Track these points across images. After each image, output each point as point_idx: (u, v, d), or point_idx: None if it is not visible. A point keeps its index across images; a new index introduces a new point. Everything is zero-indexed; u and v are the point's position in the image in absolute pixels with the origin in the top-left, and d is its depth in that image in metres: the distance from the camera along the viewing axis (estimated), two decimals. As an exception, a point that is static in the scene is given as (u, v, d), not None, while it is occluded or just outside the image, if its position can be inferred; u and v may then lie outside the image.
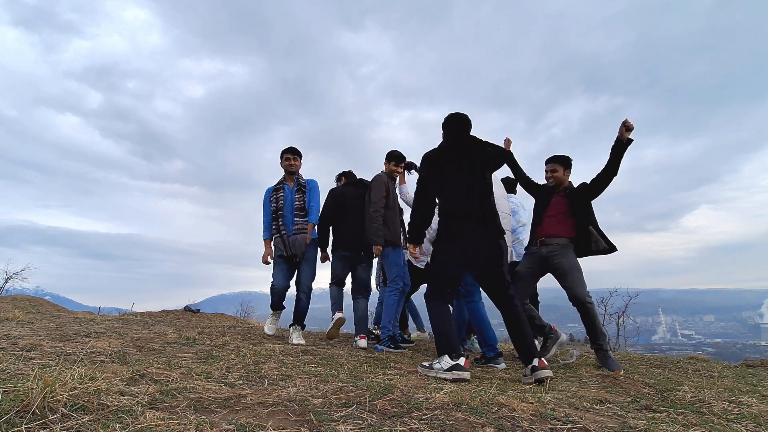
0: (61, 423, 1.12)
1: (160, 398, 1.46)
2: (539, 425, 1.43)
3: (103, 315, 6.88)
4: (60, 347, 2.46)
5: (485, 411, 1.55)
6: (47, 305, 9.60)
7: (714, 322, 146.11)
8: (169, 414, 1.29)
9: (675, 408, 1.83)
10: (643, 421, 1.55)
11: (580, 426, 1.44)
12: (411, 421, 1.38)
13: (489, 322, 3.43)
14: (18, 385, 1.36)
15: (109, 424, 1.14)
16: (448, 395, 1.74)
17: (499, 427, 1.39)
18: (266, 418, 1.36)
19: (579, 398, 1.90)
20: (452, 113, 2.95)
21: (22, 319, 4.02)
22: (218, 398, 1.54)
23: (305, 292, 3.92)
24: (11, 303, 7.79)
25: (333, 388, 1.83)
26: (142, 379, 1.73)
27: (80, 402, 1.25)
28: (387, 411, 1.50)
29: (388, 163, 4.11)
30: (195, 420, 1.24)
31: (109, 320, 5.10)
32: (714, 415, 1.75)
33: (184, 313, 8.39)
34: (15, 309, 5.19)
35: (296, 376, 2.09)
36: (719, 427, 1.56)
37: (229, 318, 9.23)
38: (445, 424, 1.38)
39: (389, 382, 2.00)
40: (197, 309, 8.83)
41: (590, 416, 1.59)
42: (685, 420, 1.62)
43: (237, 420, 1.30)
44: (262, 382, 1.90)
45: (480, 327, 3.38)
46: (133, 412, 1.26)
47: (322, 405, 1.53)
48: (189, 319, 7.72)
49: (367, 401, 1.60)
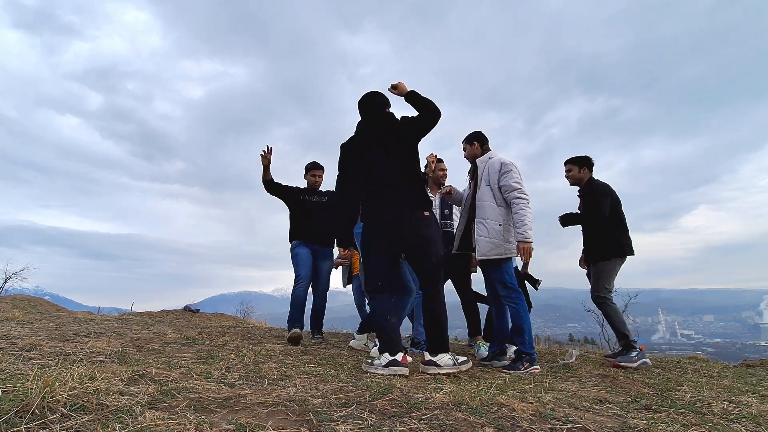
0: (61, 423, 1.12)
1: (159, 398, 1.46)
2: (539, 425, 1.43)
3: (103, 315, 6.87)
4: (59, 347, 2.46)
5: (485, 411, 1.55)
6: (47, 305, 9.60)
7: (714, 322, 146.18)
8: (168, 414, 1.29)
9: (675, 408, 1.83)
10: (642, 421, 1.55)
11: (580, 426, 1.44)
12: (411, 421, 1.38)
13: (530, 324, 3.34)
14: (17, 385, 1.36)
15: (109, 424, 1.14)
16: (447, 395, 1.74)
17: (498, 427, 1.39)
18: (266, 417, 1.36)
19: (579, 398, 1.90)
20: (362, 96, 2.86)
21: (22, 319, 4.02)
22: (218, 398, 1.54)
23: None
24: (11, 303, 7.79)
25: (333, 388, 1.83)
26: (142, 379, 1.73)
27: (80, 402, 1.25)
28: (387, 411, 1.50)
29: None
30: (195, 420, 1.23)
31: (109, 320, 5.10)
32: (714, 414, 1.75)
33: (184, 313, 8.39)
34: (15, 309, 5.19)
35: (296, 376, 2.09)
36: (719, 426, 1.56)
37: (229, 318, 9.23)
38: (445, 424, 1.38)
39: (389, 382, 2.00)
40: (197, 309, 8.82)
41: (590, 416, 1.59)
42: (685, 420, 1.62)
43: (237, 420, 1.29)
44: (262, 382, 1.90)
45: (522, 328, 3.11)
46: (132, 412, 1.26)
47: (321, 405, 1.53)
48: (189, 319, 7.72)
49: (366, 401, 1.59)
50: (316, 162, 4.33)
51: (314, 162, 4.32)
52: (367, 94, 2.86)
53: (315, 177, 4.22)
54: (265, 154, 4.03)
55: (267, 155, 4.03)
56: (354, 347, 3.58)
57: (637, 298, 9.45)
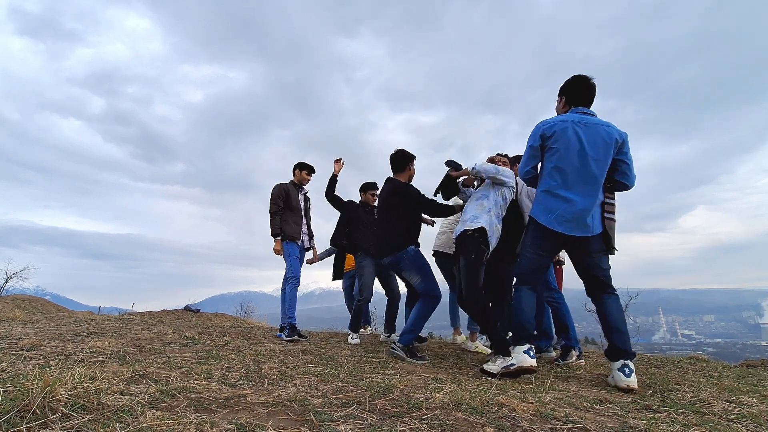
0: (62, 423, 1.12)
1: (160, 398, 1.47)
2: (539, 425, 1.43)
3: (104, 315, 6.88)
4: (60, 347, 2.46)
5: (485, 411, 1.55)
6: (47, 305, 9.61)
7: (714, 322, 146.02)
8: (169, 414, 1.29)
9: (675, 408, 1.83)
10: (643, 421, 1.55)
11: (580, 426, 1.44)
12: (411, 421, 1.38)
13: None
14: (18, 385, 1.36)
15: (110, 423, 1.15)
16: (448, 395, 1.73)
17: (499, 427, 1.39)
18: (266, 417, 1.36)
19: (579, 398, 1.90)
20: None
21: (23, 318, 4.02)
22: (218, 398, 1.54)
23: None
24: (12, 303, 7.80)
25: (333, 388, 1.83)
26: (142, 378, 1.73)
27: (80, 402, 1.25)
28: (387, 411, 1.50)
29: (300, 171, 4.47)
30: (195, 420, 1.24)
31: (110, 320, 5.10)
32: (714, 414, 1.75)
33: (184, 313, 8.39)
34: (15, 309, 5.20)
35: (296, 375, 2.09)
36: (719, 427, 1.56)
37: (229, 318, 9.23)
38: (445, 424, 1.38)
39: (389, 382, 2.00)
40: (197, 309, 8.83)
41: (590, 416, 1.59)
42: (686, 420, 1.62)
43: (237, 420, 1.30)
44: (262, 382, 1.90)
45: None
46: (133, 411, 1.26)
47: (322, 405, 1.53)
48: (189, 318, 7.72)
49: (367, 401, 1.59)
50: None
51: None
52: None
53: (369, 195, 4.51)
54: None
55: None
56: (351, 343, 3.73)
57: (637, 298, 9.44)
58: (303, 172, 4.45)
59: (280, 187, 4.27)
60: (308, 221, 4.48)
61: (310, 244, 4.47)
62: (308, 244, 4.43)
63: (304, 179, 4.47)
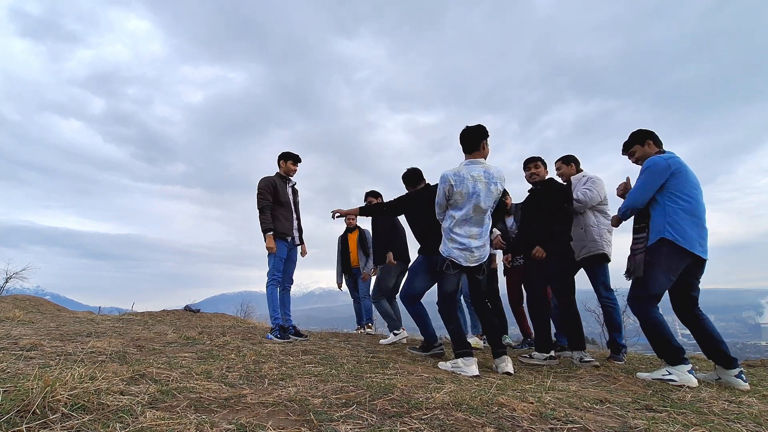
0: (62, 423, 1.12)
1: (160, 398, 1.47)
2: (539, 425, 1.43)
3: (104, 315, 6.88)
4: (60, 347, 2.46)
5: (485, 411, 1.55)
6: (48, 305, 9.61)
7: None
8: (169, 414, 1.29)
9: (675, 408, 1.83)
10: (643, 421, 1.55)
11: (580, 426, 1.44)
12: (411, 421, 1.38)
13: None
14: (18, 385, 1.36)
15: (110, 423, 1.15)
16: (448, 395, 1.74)
17: (499, 427, 1.39)
18: (266, 417, 1.36)
19: (579, 398, 1.90)
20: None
21: (23, 318, 4.02)
22: (218, 398, 1.54)
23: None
24: (12, 303, 7.80)
25: (333, 388, 1.83)
26: (143, 378, 1.73)
27: (80, 402, 1.25)
28: (387, 411, 1.50)
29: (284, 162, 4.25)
30: (195, 420, 1.24)
31: (110, 320, 5.11)
32: (714, 414, 1.75)
33: (184, 313, 8.39)
34: (15, 309, 5.20)
35: (296, 375, 2.09)
36: (719, 426, 1.56)
37: (229, 318, 9.23)
38: (445, 424, 1.38)
39: (389, 382, 2.00)
40: (197, 309, 8.83)
41: (590, 416, 1.59)
42: (686, 420, 1.62)
43: (237, 420, 1.30)
44: (262, 382, 1.90)
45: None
46: (133, 411, 1.26)
47: (322, 405, 1.53)
48: (189, 318, 7.72)
49: (367, 401, 1.60)
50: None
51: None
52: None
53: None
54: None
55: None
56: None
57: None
58: (288, 162, 4.18)
59: (267, 180, 4.03)
60: (298, 216, 4.25)
61: (300, 239, 4.24)
62: (298, 240, 4.22)
63: (291, 170, 4.19)
